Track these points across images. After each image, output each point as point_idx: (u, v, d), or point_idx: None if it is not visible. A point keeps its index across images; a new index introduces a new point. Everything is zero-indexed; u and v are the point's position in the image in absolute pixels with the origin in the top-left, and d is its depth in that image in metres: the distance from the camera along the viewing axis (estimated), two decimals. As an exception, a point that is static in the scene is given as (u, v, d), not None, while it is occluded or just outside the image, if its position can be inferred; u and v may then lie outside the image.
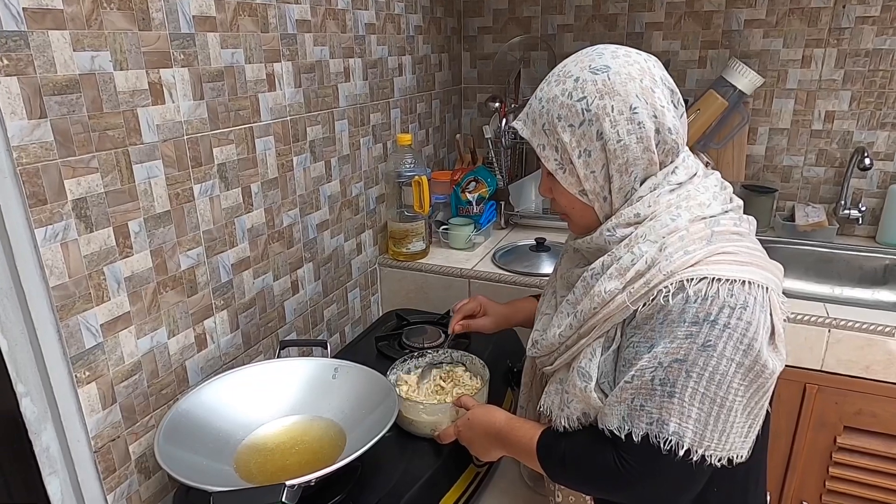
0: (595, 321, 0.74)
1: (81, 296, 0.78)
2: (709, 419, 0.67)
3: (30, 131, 0.70)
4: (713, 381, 0.66)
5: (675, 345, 0.67)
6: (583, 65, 0.74)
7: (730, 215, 0.74)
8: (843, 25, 1.55)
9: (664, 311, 0.68)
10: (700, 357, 0.66)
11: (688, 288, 0.67)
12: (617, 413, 0.70)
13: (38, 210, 0.72)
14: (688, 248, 0.69)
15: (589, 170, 0.74)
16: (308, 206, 1.24)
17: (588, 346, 0.76)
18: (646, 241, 0.72)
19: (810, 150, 1.68)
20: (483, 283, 1.47)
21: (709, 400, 0.66)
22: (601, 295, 0.73)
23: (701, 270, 0.67)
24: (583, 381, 0.75)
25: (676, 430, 0.67)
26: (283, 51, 1.11)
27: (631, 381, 0.69)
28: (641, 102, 0.71)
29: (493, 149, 1.76)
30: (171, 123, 0.89)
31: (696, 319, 0.66)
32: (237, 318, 1.08)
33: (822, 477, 1.32)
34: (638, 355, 0.70)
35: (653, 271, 0.69)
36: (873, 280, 1.58)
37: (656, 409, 0.68)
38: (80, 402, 0.80)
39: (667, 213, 0.72)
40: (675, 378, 0.67)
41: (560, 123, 0.74)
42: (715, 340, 0.65)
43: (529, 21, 1.85)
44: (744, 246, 0.71)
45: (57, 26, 0.72)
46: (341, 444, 0.88)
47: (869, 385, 1.22)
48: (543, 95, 0.77)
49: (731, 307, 0.65)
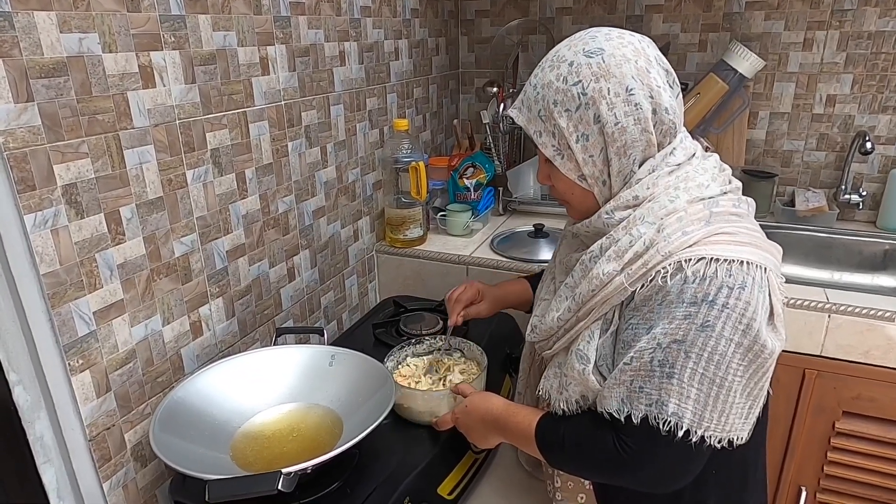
0: (593, 303, 0.74)
1: (73, 283, 0.77)
2: (708, 399, 0.67)
3: (17, 115, 0.69)
4: (712, 362, 0.66)
5: (674, 325, 0.66)
6: (576, 49, 0.73)
7: (728, 196, 0.74)
8: (846, 7, 1.53)
9: (662, 292, 0.68)
10: (699, 337, 0.66)
11: (686, 268, 0.66)
12: (616, 395, 0.70)
13: (26, 196, 0.71)
14: (686, 228, 0.69)
15: (587, 154, 0.73)
16: (304, 193, 1.23)
17: (586, 328, 0.75)
18: (644, 223, 0.71)
19: (811, 135, 1.66)
20: (481, 269, 1.46)
21: (707, 380, 0.66)
22: (599, 277, 0.72)
23: (699, 251, 0.67)
24: (581, 363, 0.74)
25: (676, 410, 0.67)
26: (276, 34, 1.09)
27: (630, 363, 0.69)
28: (637, 83, 0.70)
29: (490, 134, 1.74)
30: (163, 108, 0.87)
31: (694, 300, 0.66)
32: (233, 305, 1.07)
33: (821, 462, 1.32)
34: (637, 337, 0.69)
35: (651, 252, 0.69)
36: (873, 265, 1.57)
37: (655, 391, 0.67)
38: (73, 390, 0.79)
39: (665, 194, 0.72)
40: (674, 359, 0.66)
41: (556, 109, 0.73)
42: (714, 321, 0.65)
43: (528, 4, 1.82)
44: (742, 226, 0.71)
45: (43, 7, 0.70)
46: (338, 432, 0.87)
47: (868, 370, 1.22)
48: (538, 82, 0.76)
49: (729, 287, 0.65)
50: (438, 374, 1.04)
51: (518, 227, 1.65)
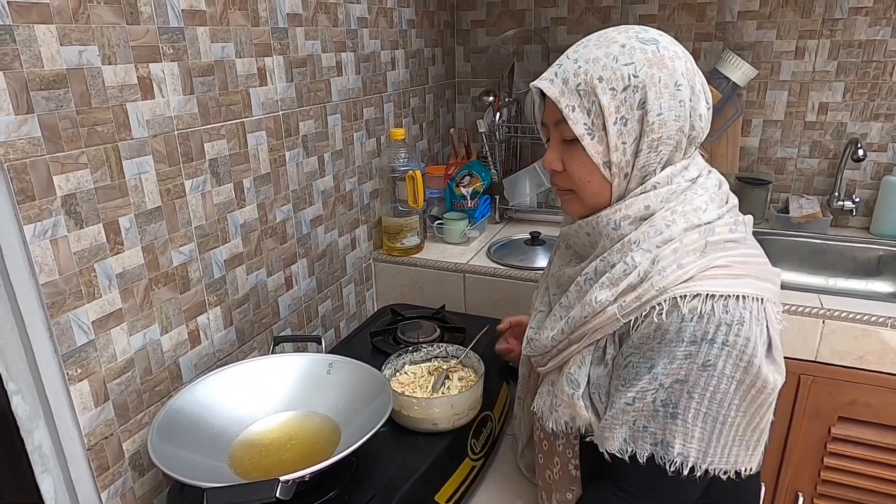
0: (585, 329, 0.73)
1: (72, 293, 0.78)
2: (712, 437, 0.67)
3: (17, 127, 0.69)
4: (714, 401, 0.66)
5: (675, 365, 0.66)
6: (628, 34, 0.71)
7: (724, 220, 0.72)
8: (837, 16, 1.55)
9: (661, 331, 0.67)
10: (701, 377, 0.65)
11: (682, 305, 0.65)
12: (619, 435, 0.70)
13: (26, 206, 0.71)
14: (681, 261, 0.67)
15: (621, 140, 0.70)
16: (301, 202, 1.24)
17: (578, 353, 0.75)
18: (639, 250, 0.70)
19: (804, 142, 1.68)
20: (478, 277, 1.46)
21: (711, 418, 0.66)
22: (592, 304, 0.71)
23: (695, 287, 0.66)
24: (571, 387, 0.74)
25: (681, 451, 0.67)
26: (274, 45, 1.10)
27: (632, 403, 0.68)
28: (685, 81, 0.69)
29: (487, 143, 1.75)
30: (161, 118, 0.88)
31: (693, 339, 0.65)
32: (231, 314, 1.08)
33: (817, 467, 1.32)
34: (638, 375, 0.69)
35: (645, 286, 0.68)
36: (867, 271, 1.58)
37: (660, 430, 0.67)
38: (72, 399, 0.79)
39: (662, 218, 0.70)
40: (678, 399, 0.66)
41: (601, 85, 0.69)
42: (714, 359, 0.65)
43: (523, 14, 1.84)
44: (739, 255, 0.70)
45: (43, 20, 0.71)
46: (336, 440, 0.88)
47: (863, 375, 1.23)
48: (580, 56, 0.71)
49: (727, 324, 0.64)
50: (430, 376, 1.04)
51: (515, 234, 1.66)
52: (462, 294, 1.49)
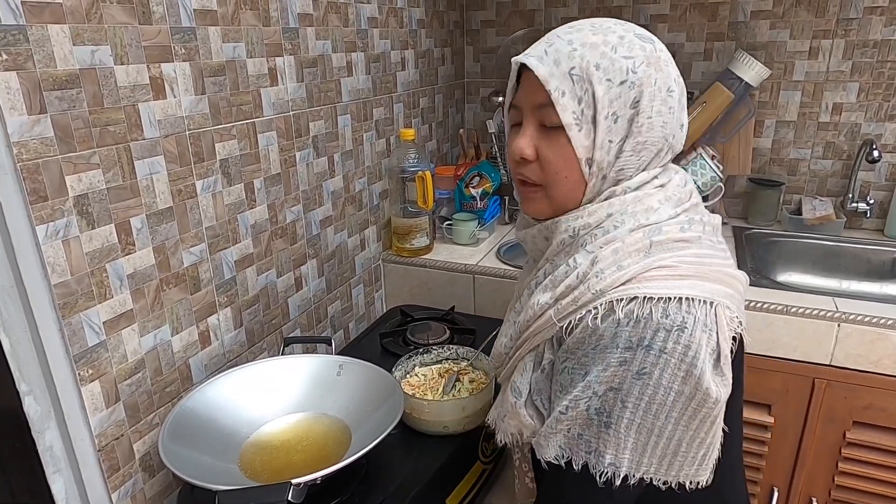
0: (528, 334, 0.70)
1: (84, 293, 0.78)
2: (646, 448, 0.62)
3: (30, 127, 0.69)
4: (650, 412, 0.61)
5: (609, 372, 0.61)
6: (625, 27, 0.66)
7: (678, 219, 0.67)
8: (851, 16, 1.53)
9: (595, 336, 0.62)
10: (635, 386, 0.60)
11: (617, 310, 0.61)
12: (554, 443, 0.66)
13: (38, 207, 0.71)
14: (622, 262, 0.63)
15: (608, 137, 0.65)
16: (311, 202, 1.23)
17: (521, 360, 0.72)
18: (581, 251, 0.66)
19: (817, 143, 1.66)
20: (487, 278, 1.46)
21: (646, 430, 0.61)
22: (534, 307, 0.68)
23: (631, 290, 0.61)
24: (514, 395, 0.71)
25: (613, 461, 0.62)
26: (285, 45, 1.09)
27: (566, 412, 0.64)
28: (677, 89, 0.66)
29: (496, 143, 1.74)
30: (173, 118, 0.88)
31: (629, 344, 0.60)
32: (241, 315, 1.07)
33: (832, 472, 1.31)
34: (573, 382, 0.65)
35: (581, 289, 0.64)
36: (881, 274, 1.56)
37: (594, 439, 0.63)
38: (83, 400, 0.79)
39: (611, 220, 0.66)
40: (611, 408, 0.62)
41: (597, 74, 0.63)
42: (651, 368, 0.60)
43: (533, 14, 1.83)
44: (689, 255, 0.64)
45: (56, 20, 0.71)
46: (346, 442, 0.87)
47: (878, 380, 1.21)
48: (574, 39, 0.65)
49: (666, 330, 0.59)
50: (440, 378, 1.03)
51: (524, 235, 1.65)
52: (471, 295, 1.48)
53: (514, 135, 0.71)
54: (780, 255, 1.62)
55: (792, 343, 1.24)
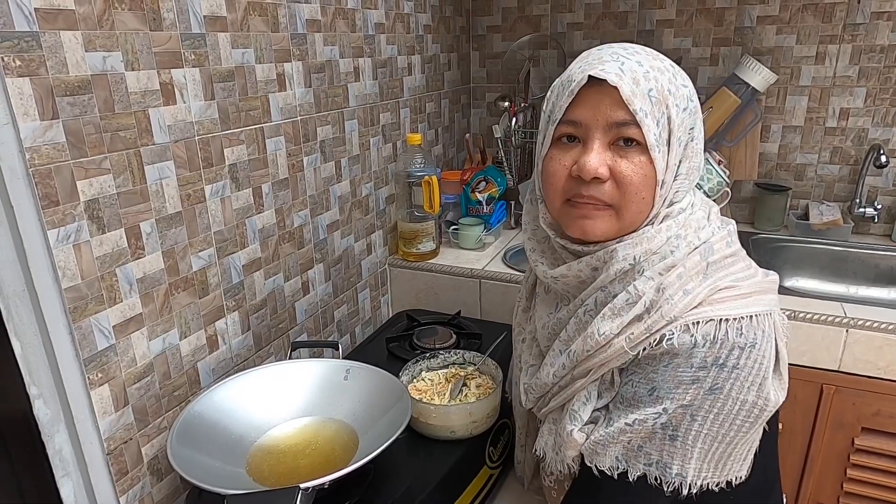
0: (591, 364, 0.70)
1: (94, 297, 0.78)
2: (710, 454, 0.65)
3: (42, 132, 0.70)
4: (717, 422, 0.64)
5: (681, 390, 0.64)
6: (666, 60, 0.69)
7: (720, 235, 0.70)
8: (858, 21, 1.53)
9: (669, 355, 0.64)
10: (706, 400, 0.63)
11: (694, 331, 0.63)
12: (611, 453, 0.67)
13: (50, 211, 0.72)
14: (686, 286, 0.65)
15: (675, 160, 0.67)
16: (318, 207, 1.24)
17: (583, 388, 0.72)
18: (642, 278, 0.66)
19: (824, 148, 1.66)
20: (494, 283, 1.46)
21: (710, 438, 0.65)
22: (594, 337, 0.67)
23: (706, 312, 0.64)
24: (572, 423, 0.71)
25: (679, 471, 0.65)
26: (293, 51, 1.10)
27: (632, 425, 0.66)
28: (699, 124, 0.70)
29: (502, 148, 1.75)
30: (183, 124, 0.89)
31: (703, 364, 0.63)
32: (248, 319, 1.08)
33: (840, 479, 1.30)
34: (637, 396, 0.67)
35: (654, 316, 0.65)
36: (889, 279, 1.56)
37: (656, 452, 0.65)
38: (92, 404, 0.79)
39: (668, 244, 0.68)
40: (679, 422, 0.64)
41: (671, 98, 0.65)
42: (723, 383, 0.63)
43: (539, 20, 1.84)
44: (739, 270, 0.68)
45: (69, 27, 0.71)
46: (354, 446, 0.87)
47: (887, 386, 1.20)
48: (642, 61, 0.65)
49: (740, 348, 0.63)
50: (447, 383, 1.03)
51: (530, 240, 1.65)
52: (478, 300, 1.48)
53: (567, 150, 0.68)
54: (787, 260, 1.61)
55: (800, 349, 1.24)
